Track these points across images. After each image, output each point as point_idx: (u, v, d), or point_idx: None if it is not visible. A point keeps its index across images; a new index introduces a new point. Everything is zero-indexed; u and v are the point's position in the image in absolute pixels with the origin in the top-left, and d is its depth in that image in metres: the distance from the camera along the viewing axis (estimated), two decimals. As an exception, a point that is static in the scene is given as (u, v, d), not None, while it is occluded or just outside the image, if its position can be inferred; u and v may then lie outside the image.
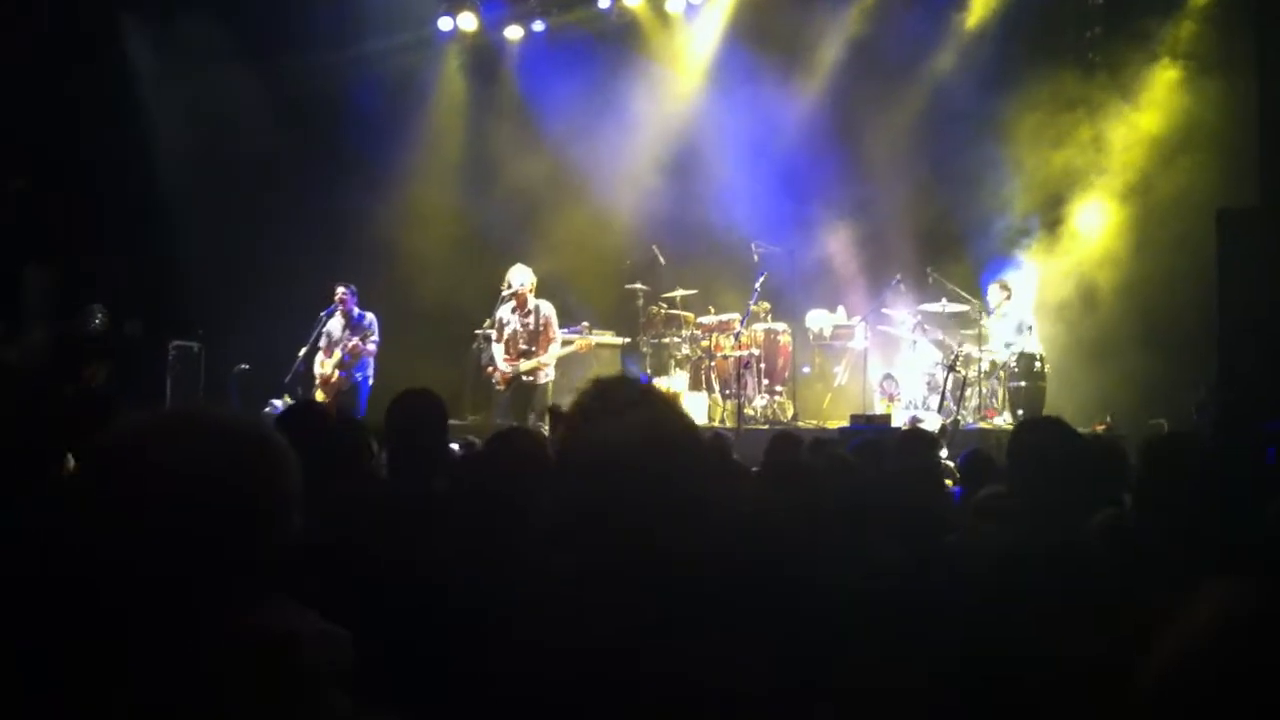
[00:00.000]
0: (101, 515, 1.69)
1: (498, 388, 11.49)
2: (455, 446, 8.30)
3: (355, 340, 11.94)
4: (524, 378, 11.24)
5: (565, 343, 11.56)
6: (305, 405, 5.68)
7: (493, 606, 2.15)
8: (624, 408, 2.03)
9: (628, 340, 13.67)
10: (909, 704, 2.15)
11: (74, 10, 13.33)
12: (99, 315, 13.19)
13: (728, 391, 12.85)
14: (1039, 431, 3.70)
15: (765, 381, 13.09)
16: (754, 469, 5.14)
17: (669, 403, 2.08)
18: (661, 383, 12.74)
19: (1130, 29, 12.60)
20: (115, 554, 1.67)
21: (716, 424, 12.36)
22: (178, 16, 13.93)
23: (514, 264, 11.56)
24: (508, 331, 11.38)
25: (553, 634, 1.87)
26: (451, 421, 12.50)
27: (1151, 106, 12.38)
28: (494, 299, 11.62)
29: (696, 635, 1.83)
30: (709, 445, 5.60)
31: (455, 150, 15.48)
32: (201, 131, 13.78)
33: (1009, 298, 12.33)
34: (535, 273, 11.48)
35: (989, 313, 12.38)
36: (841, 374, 13.41)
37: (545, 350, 11.27)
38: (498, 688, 1.92)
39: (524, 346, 11.30)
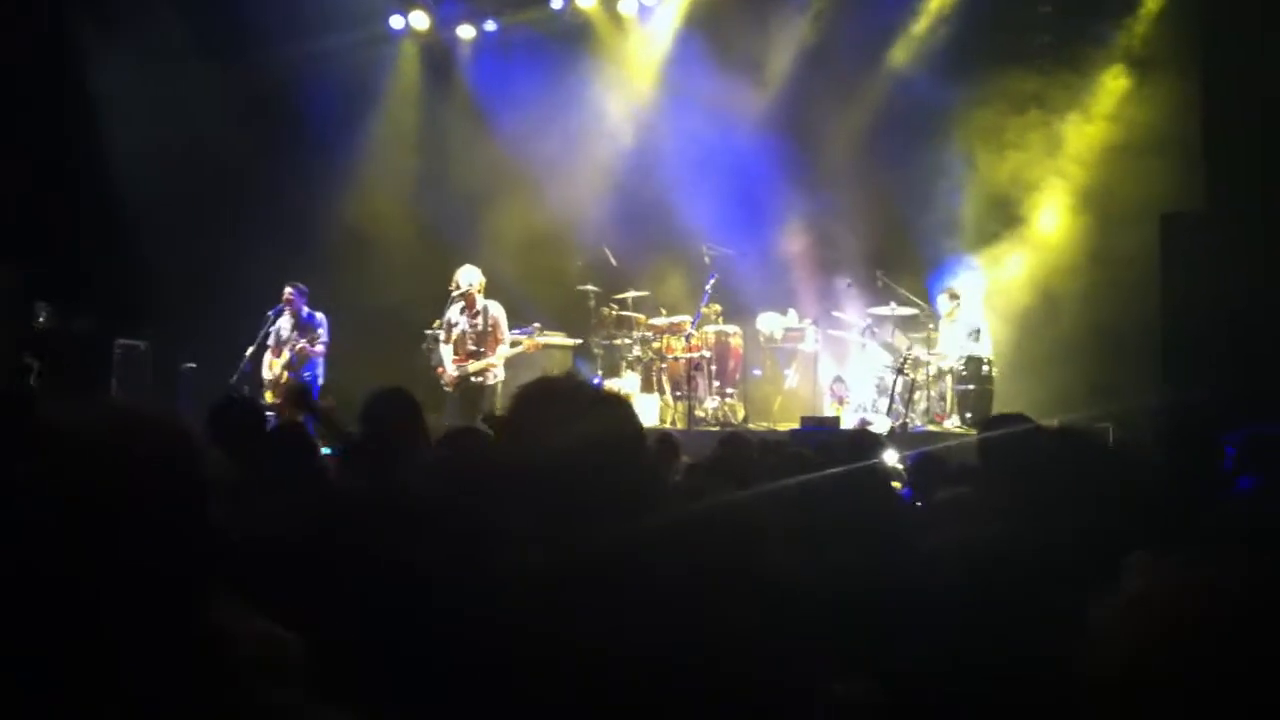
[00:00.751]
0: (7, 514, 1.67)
1: (446, 389, 11.43)
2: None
3: (302, 343, 11.86)
4: (472, 379, 11.19)
5: (514, 343, 11.53)
6: (232, 402, 5.61)
7: (449, 605, 2.15)
8: (570, 414, 2.02)
9: (579, 341, 13.65)
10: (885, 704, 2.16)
11: (25, 6, 13.13)
12: (43, 313, 13.01)
13: (679, 393, 12.86)
14: (1010, 426, 3.73)
15: (716, 383, 13.12)
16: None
17: (617, 405, 2.08)
18: (613, 384, 12.74)
19: (1080, 36, 12.73)
20: (22, 549, 1.65)
21: (667, 425, 12.38)
22: (132, 13, 13.75)
23: (464, 264, 11.51)
24: (456, 332, 11.32)
25: (513, 631, 1.87)
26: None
27: (1103, 111, 12.51)
28: (444, 299, 11.57)
29: (656, 631, 1.83)
30: (658, 446, 5.62)
31: (408, 149, 15.43)
32: (155, 129, 13.58)
33: (958, 304, 12.41)
34: (486, 273, 11.43)
35: (938, 317, 12.46)
36: (792, 376, 13.47)
37: (494, 351, 11.22)
38: (460, 684, 1.91)
39: (472, 347, 11.25)
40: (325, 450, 7.11)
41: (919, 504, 5.12)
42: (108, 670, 1.63)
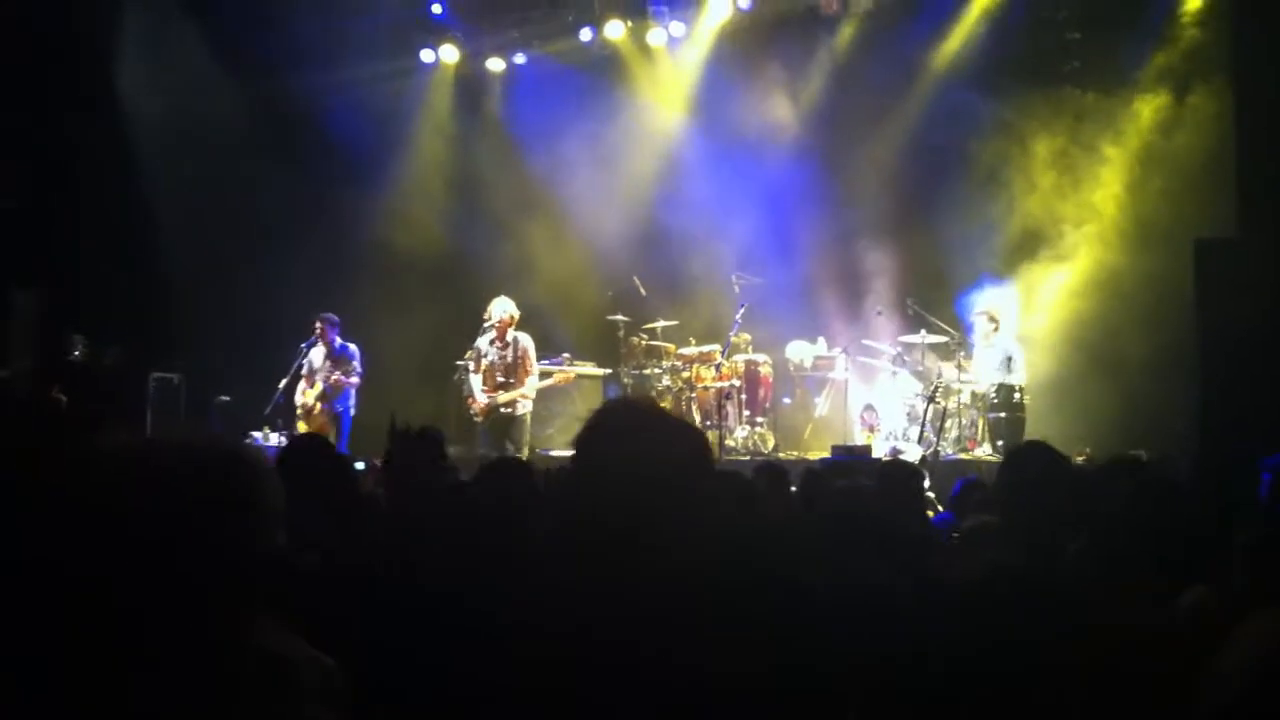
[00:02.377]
0: (86, 532, 1.70)
1: (476, 419, 11.46)
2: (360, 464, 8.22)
3: (337, 374, 11.91)
4: (502, 409, 11.22)
5: (544, 374, 11.56)
6: (308, 438, 5.71)
7: (497, 623, 2.16)
8: (635, 427, 2.05)
9: (609, 371, 13.67)
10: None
11: (61, 30, 13.26)
12: (80, 346, 13.11)
13: (709, 423, 12.83)
14: (1029, 456, 3.73)
15: (746, 412, 13.10)
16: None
17: (679, 421, 2.11)
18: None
19: (1108, 62, 12.70)
20: (99, 570, 1.68)
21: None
22: (164, 39, 13.89)
23: (496, 294, 11.56)
24: (485, 363, 11.35)
25: (557, 643, 1.89)
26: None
27: (1135, 136, 12.45)
28: (475, 329, 11.62)
29: (694, 643, 1.85)
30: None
31: (439, 181, 15.51)
32: (186, 158, 13.72)
33: (996, 329, 12.33)
34: (517, 303, 11.47)
35: (971, 344, 12.39)
36: (822, 405, 13.43)
37: (523, 382, 11.25)
38: (505, 699, 1.93)
39: (501, 378, 11.28)
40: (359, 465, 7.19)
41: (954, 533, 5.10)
42: (162, 688, 1.66)
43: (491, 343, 11.33)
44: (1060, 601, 2.81)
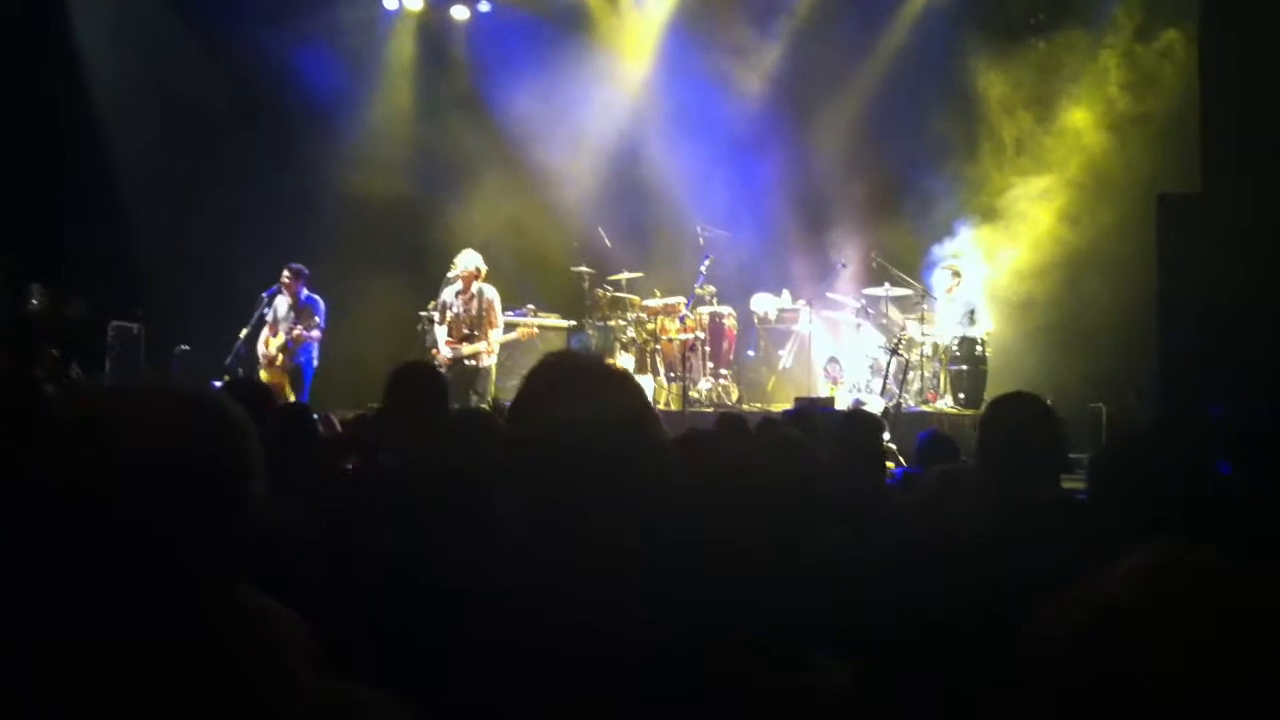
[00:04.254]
0: (73, 489, 1.68)
1: (440, 370, 11.43)
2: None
3: (299, 328, 11.82)
4: (466, 361, 11.19)
5: (508, 327, 11.53)
6: (248, 381, 5.63)
7: (462, 585, 2.15)
8: (582, 388, 2.02)
9: (573, 323, 13.65)
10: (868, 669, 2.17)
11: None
12: (37, 295, 12.95)
13: (673, 374, 12.86)
14: (1015, 404, 3.73)
15: (710, 365, 13.13)
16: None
17: (626, 380, 2.07)
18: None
19: (1076, 15, 12.71)
20: (90, 528, 1.66)
21: (661, 406, 12.38)
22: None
23: (461, 245, 11.51)
24: (450, 314, 11.32)
25: (521, 612, 1.88)
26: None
27: (1100, 91, 12.48)
28: (439, 281, 11.57)
29: (660, 608, 1.84)
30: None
31: (403, 131, 15.39)
32: (145, 107, 13.57)
33: (959, 282, 12.38)
34: (480, 253, 11.42)
35: (934, 297, 12.43)
36: (786, 357, 13.46)
37: (487, 335, 11.23)
38: (470, 664, 1.92)
39: (466, 330, 11.25)
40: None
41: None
42: (152, 651, 1.65)
43: (457, 294, 11.29)
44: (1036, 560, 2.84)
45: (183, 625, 1.67)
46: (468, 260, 11.27)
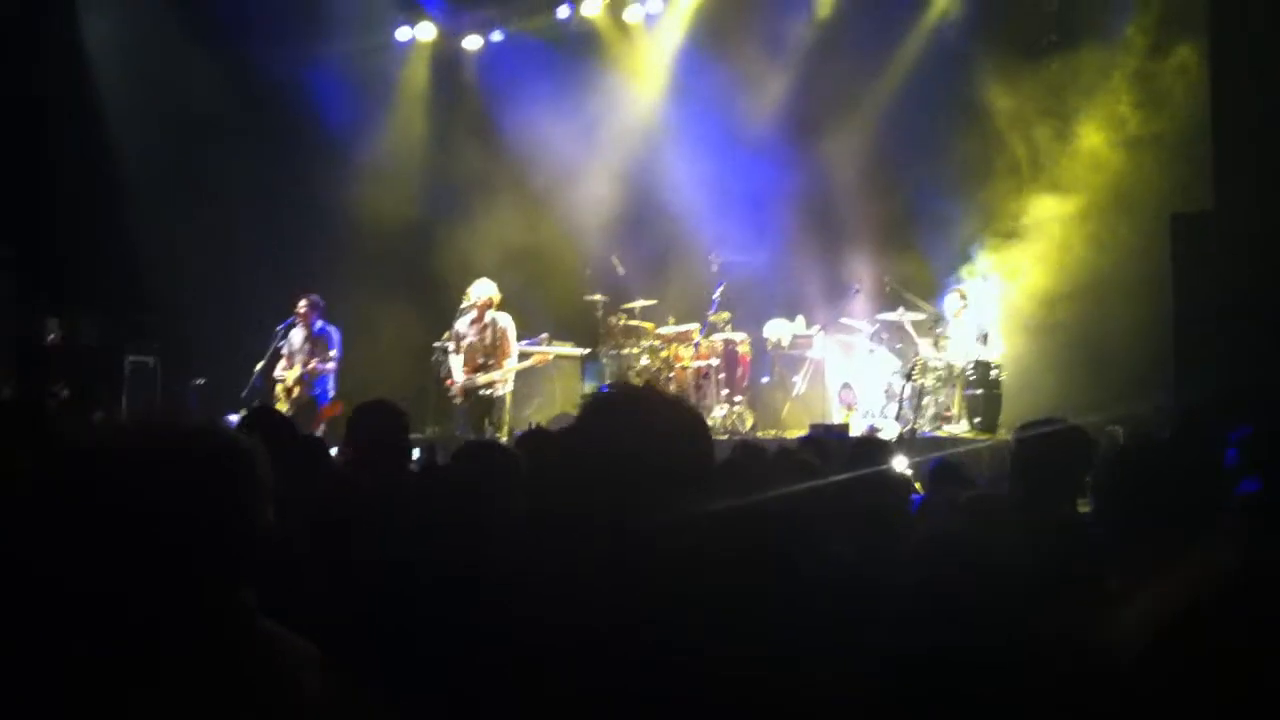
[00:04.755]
0: (84, 520, 1.71)
1: (455, 400, 11.45)
2: (416, 452, 8.28)
3: (314, 361, 11.85)
4: (481, 390, 11.20)
5: (523, 356, 11.54)
6: (268, 411, 5.64)
7: (472, 604, 2.16)
8: (635, 411, 2.05)
9: (587, 351, 13.65)
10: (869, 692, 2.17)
11: (29, 6, 13.11)
12: (54, 330, 13.00)
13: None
14: (1051, 434, 3.73)
15: (724, 391, 13.10)
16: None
17: (678, 402, 2.10)
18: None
19: (1087, 35, 12.69)
20: (100, 555, 1.69)
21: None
22: (139, 15, 13.74)
23: (474, 274, 11.54)
24: (465, 344, 11.34)
25: (536, 625, 1.89)
26: (413, 435, 12.45)
27: (1112, 111, 12.44)
28: (454, 310, 11.59)
29: (671, 625, 1.84)
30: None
31: (416, 160, 15.46)
32: (160, 137, 13.64)
33: (966, 306, 12.38)
34: (494, 281, 11.44)
35: (946, 321, 12.41)
36: (800, 383, 13.41)
37: (501, 364, 11.24)
38: (482, 675, 1.93)
39: (481, 359, 11.26)
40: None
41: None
42: (165, 663, 1.68)
43: (471, 323, 11.32)
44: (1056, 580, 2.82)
45: (190, 650, 1.69)
46: (482, 289, 11.30)
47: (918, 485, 6.96)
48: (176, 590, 1.74)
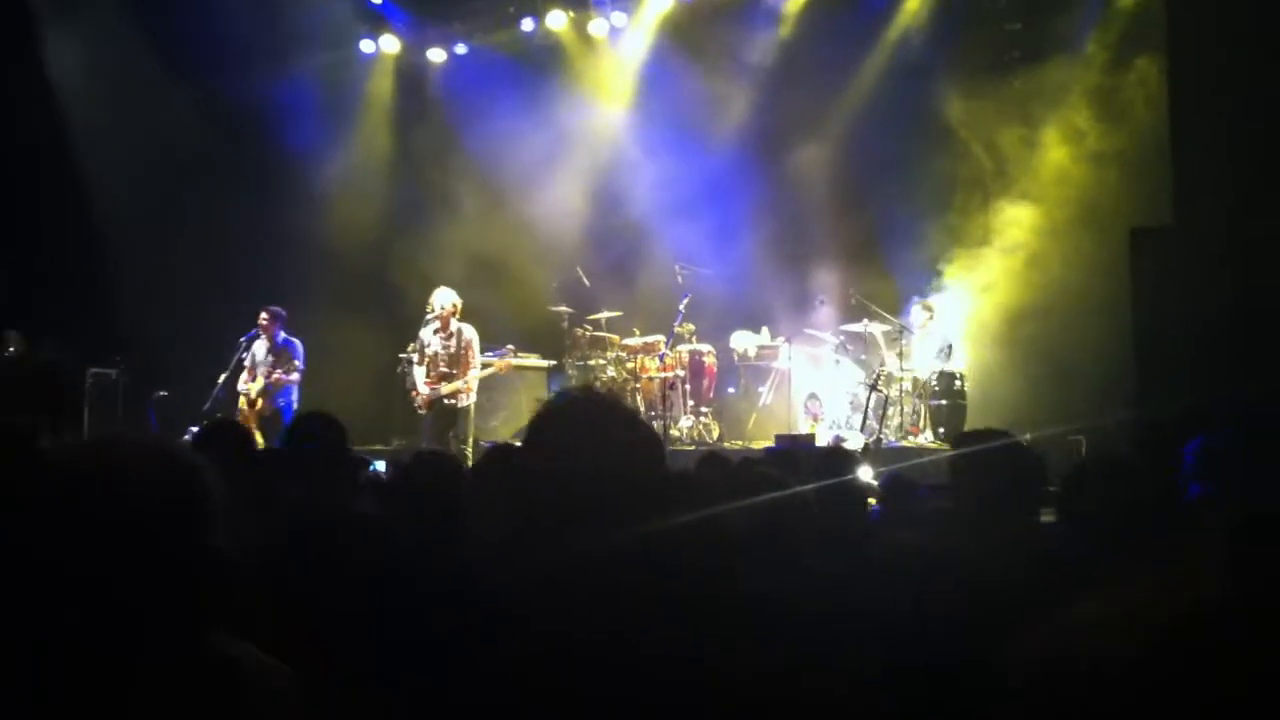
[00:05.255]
0: (31, 540, 1.70)
1: (419, 411, 11.41)
2: (381, 466, 8.25)
3: (278, 372, 11.79)
4: (445, 400, 11.17)
5: (484, 365, 11.51)
6: (228, 424, 5.61)
7: (436, 619, 2.16)
8: (589, 419, 2.05)
9: (553, 363, 13.66)
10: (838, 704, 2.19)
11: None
12: (15, 342, 12.89)
13: (653, 413, 12.85)
14: (985, 441, 3.77)
15: (691, 403, 13.14)
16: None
17: (632, 416, 2.11)
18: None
19: (1049, 51, 12.81)
20: (47, 577, 1.68)
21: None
22: (100, 31, 13.65)
23: (437, 286, 11.51)
24: (429, 353, 11.31)
25: (506, 643, 1.89)
26: (378, 446, 12.41)
27: (1073, 126, 12.55)
28: (418, 321, 11.57)
29: (646, 638, 1.85)
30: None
31: (380, 173, 15.44)
32: (124, 150, 13.52)
33: (931, 318, 12.48)
34: (460, 295, 11.42)
35: (911, 332, 12.49)
36: (766, 394, 13.47)
37: (465, 373, 11.21)
38: (453, 695, 1.93)
39: (444, 369, 11.23)
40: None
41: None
42: (120, 692, 1.67)
43: (435, 333, 11.28)
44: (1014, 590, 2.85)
45: (141, 675, 1.69)
46: (443, 298, 11.26)
47: (871, 500, 7.00)
48: (124, 616, 1.73)
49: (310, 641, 2.40)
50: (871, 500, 6.23)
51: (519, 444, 2.12)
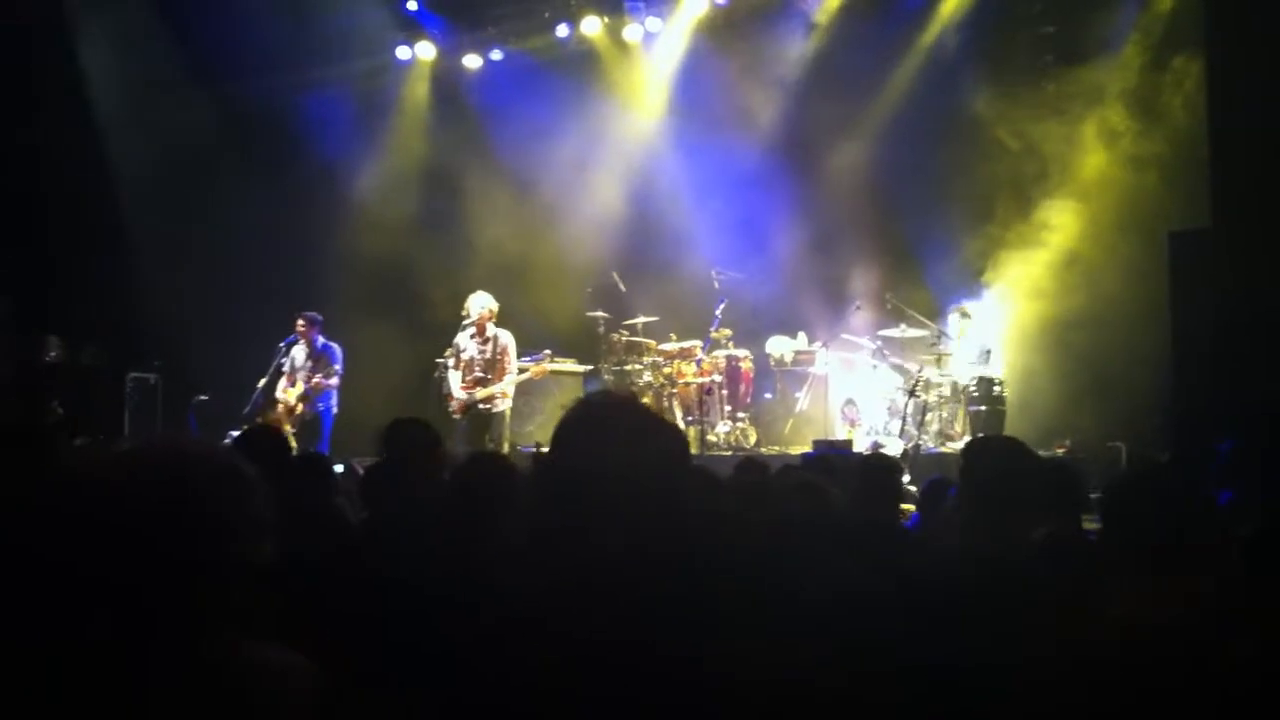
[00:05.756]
0: (72, 539, 1.72)
1: (454, 416, 11.42)
2: (339, 467, 8.14)
3: (317, 376, 11.85)
4: (480, 405, 11.18)
5: (520, 370, 11.51)
6: (263, 430, 5.63)
7: (471, 624, 2.18)
8: (618, 425, 2.07)
9: (590, 368, 13.67)
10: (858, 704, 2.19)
11: (25, 32, 13.13)
12: (56, 347, 13.03)
13: (690, 418, 12.84)
14: (990, 449, 3.77)
15: (727, 408, 13.12)
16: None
17: (660, 419, 2.12)
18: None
19: (1083, 53, 12.74)
20: (84, 574, 1.71)
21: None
22: (132, 38, 13.76)
23: (473, 291, 11.53)
24: (465, 358, 11.32)
25: (535, 645, 1.90)
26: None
27: (1107, 129, 12.48)
28: (455, 328, 11.60)
29: (674, 641, 1.86)
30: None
31: (416, 177, 15.47)
32: (158, 156, 13.64)
33: (969, 323, 12.41)
34: (497, 300, 11.44)
35: (948, 337, 12.42)
36: (803, 399, 13.44)
37: (501, 378, 11.22)
38: (483, 696, 1.94)
39: (480, 374, 11.24)
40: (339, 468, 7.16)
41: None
42: (123, 691, 1.68)
43: (471, 338, 11.30)
44: (1027, 592, 2.85)
45: (175, 676, 1.71)
46: (480, 302, 11.28)
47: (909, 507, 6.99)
48: (161, 618, 1.75)
49: (334, 646, 2.42)
50: (909, 507, 6.23)
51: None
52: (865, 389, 12.78)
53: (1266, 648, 1.41)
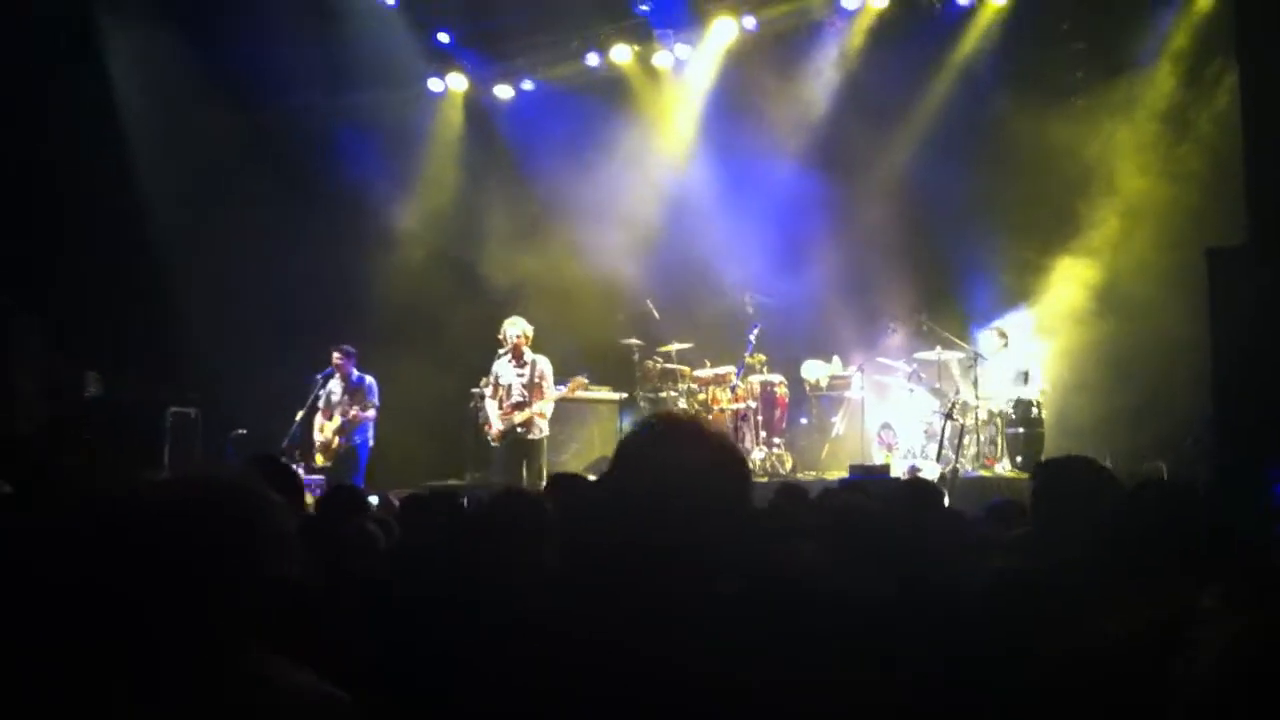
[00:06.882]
0: (90, 567, 1.75)
1: (492, 443, 11.43)
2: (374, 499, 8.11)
3: (354, 409, 11.91)
4: (518, 429, 11.17)
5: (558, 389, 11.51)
6: (269, 460, 5.61)
7: (502, 649, 2.18)
8: (677, 441, 2.07)
9: (624, 395, 13.66)
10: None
11: (57, 60, 13.23)
12: (93, 382, 13.12)
13: (726, 444, 12.75)
14: (1071, 468, 3.72)
15: (763, 434, 13.08)
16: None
17: (724, 437, 2.12)
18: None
19: (1114, 69, 12.70)
20: (119, 593, 1.74)
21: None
22: (165, 67, 13.87)
23: (506, 318, 11.57)
24: (503, 384, 11.34)
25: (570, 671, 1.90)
26: (451, 481, 12.46)
27: (1140, 145, 12.42)
28: (489, 357, 11.62)
29: (711, 648, 1.85)
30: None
31: (449, 207, 15.56)
32: (192, 187, 13.76)
33: (1005, 345, 12.33)
34: (530, 327, 11.46)
35: (984, 359, 12.32)
36: (839, 424, 13.38)
37: (537, 402, 11.22)
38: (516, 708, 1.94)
39: (518, 398, 11.25)
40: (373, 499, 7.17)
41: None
42: (152, 707, 1.71)
43: (509, 363, 11.33)
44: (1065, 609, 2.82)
45: (194, 697, 1.72)
46: (514, 328, 11.31)
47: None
48: (184, 639, 1.78)
49: (351, 667, 2.43)
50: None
51: (591, 477, 2.14)
52: (901, 413, 12.71)
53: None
